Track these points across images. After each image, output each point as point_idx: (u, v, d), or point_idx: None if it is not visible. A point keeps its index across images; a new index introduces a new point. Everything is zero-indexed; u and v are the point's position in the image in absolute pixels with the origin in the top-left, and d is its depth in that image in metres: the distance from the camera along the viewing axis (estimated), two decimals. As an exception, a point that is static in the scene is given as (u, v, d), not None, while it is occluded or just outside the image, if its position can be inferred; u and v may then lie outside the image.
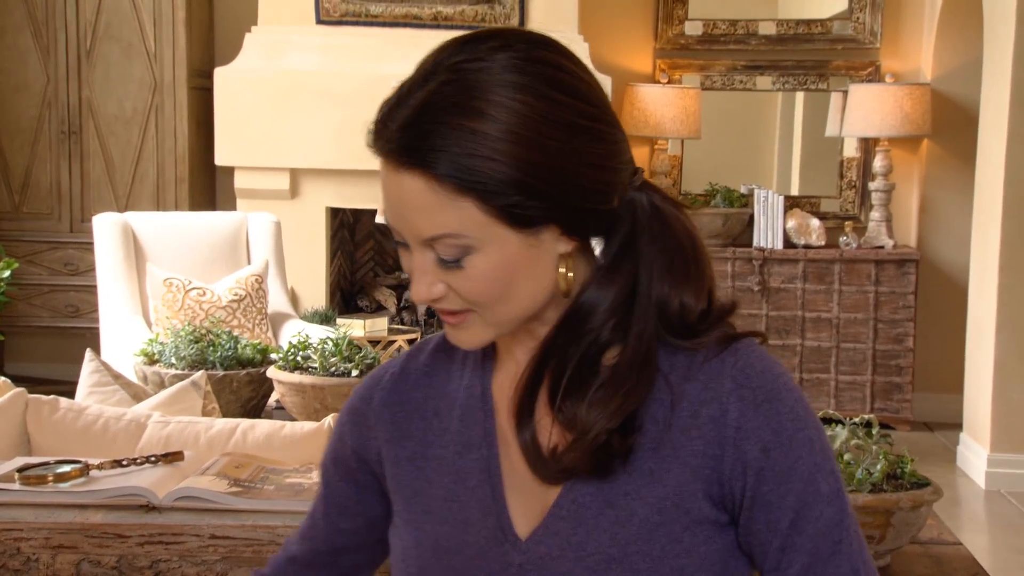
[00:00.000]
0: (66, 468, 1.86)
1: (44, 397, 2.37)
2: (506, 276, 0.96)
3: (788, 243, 5.39)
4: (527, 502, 1.01)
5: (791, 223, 5.40)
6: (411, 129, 0.94)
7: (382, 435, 1.09)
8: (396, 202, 0.96)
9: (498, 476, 1.03)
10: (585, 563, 0.98)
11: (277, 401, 3.40)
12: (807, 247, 5.36)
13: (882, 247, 5.35)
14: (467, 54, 0.95)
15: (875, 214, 5.44)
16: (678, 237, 1.01)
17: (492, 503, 1.02)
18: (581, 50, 5.13)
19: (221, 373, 3.29)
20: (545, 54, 0.97)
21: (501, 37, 0.97)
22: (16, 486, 1.83)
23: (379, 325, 4.61)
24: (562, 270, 0.98)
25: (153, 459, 1.95)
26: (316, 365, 3.18)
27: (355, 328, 4.27)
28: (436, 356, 1.10)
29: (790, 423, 0.98)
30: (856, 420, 1.98)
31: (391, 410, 1.09)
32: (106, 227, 4.61)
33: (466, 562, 1.01)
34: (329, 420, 2.34)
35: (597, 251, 1.01)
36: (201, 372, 2.90)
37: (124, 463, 1.92)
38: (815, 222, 5.44)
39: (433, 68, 0.96)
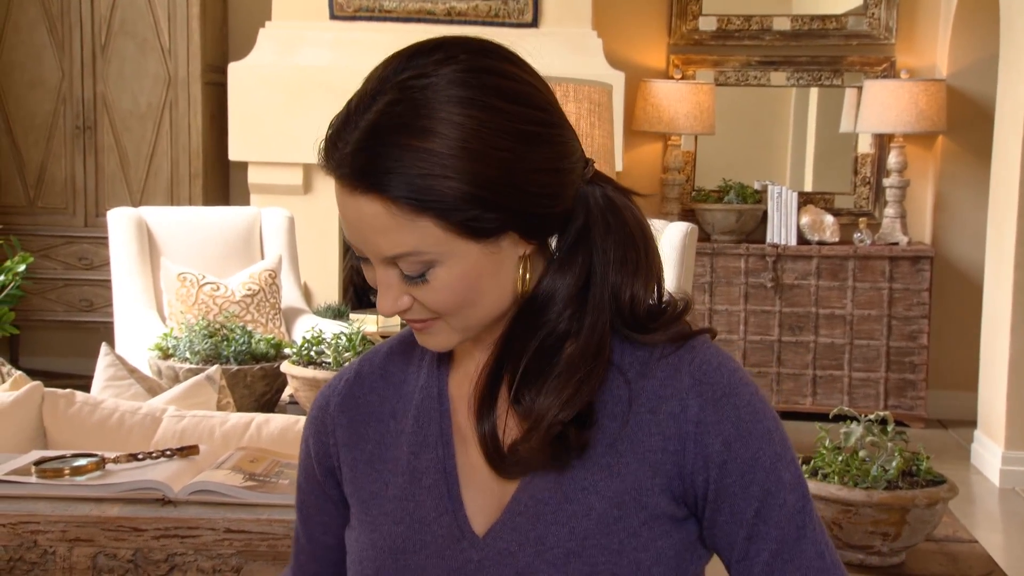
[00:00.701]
0: (82, 461, 1.87)
1: (60, 391, 2.38)
2: (470, 285, 0.97)
3: (802, 239, 5.38)
4: (484, 499, 1.02)
5: (805, 219, 5.39)
6: (362, 152, 0.94)
7: (340, 440, 1.09)
8: (355, 223, 0.96)
9: (454, 475, 1.03)
10: (544, 557, 0.98)
11: (291, 396, 3.41)
12: (821, 243, 5.35)
13: (896, 244, 5.33)
14: (413, 70, 0.96)
15: (889, 211, 5.42)
16: (630, 228, 1.02)
17: (448, 502, 1.02)
18: (595, 46, 5.12)
19: (235, 368, 3.30)
20: (489, 62, 0.97)
21: (444, 49, 0.97)
22: (33, 479, 1.84)
23: (392, 320, 4.61)
24: (521, 271, 1.00)
25: (168, 453, 1.96)
26: (329, 360, 3.19)
27: (368, 323, 4.28)
28: (391, 358, 1.11)
29: (749, 416, 1.00)
30: (871, 417, 1.98)
31: (348, 415, 1.09)
32: (120, 222, 4.63)
33: (423, 561, 1.02)
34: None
35: (552, 244, 1.02)
36: (215, 366, 2.91)
37: (140, 457, 1.93)
38: (829, 218, 5.43)
39: (379, 86, 0.96)
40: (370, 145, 0.94)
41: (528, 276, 1.00)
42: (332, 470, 1.10)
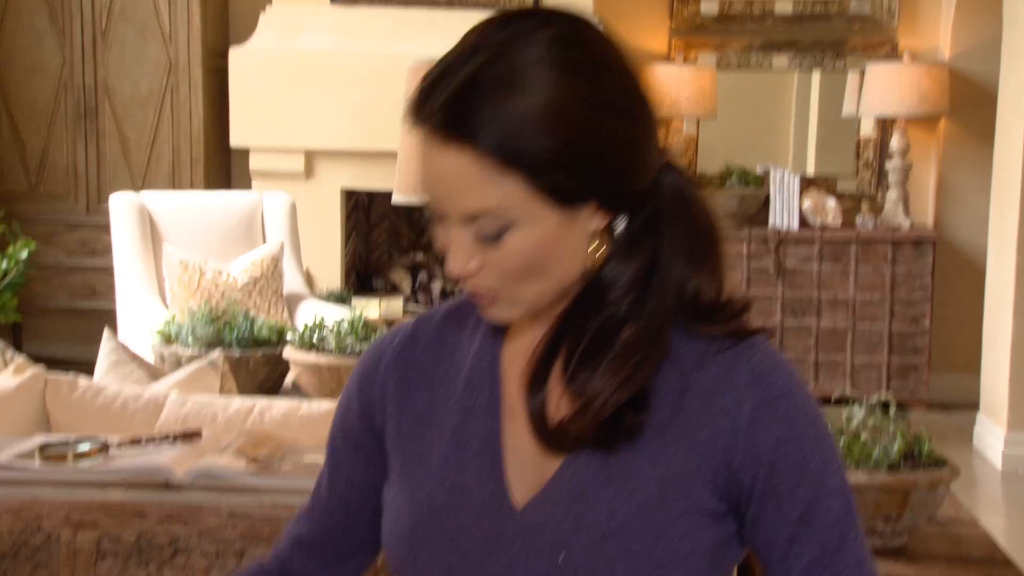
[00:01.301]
0: (85, 447, 1.88)
1: (63, 377, 2.38)
2: (543, 253, 0.97)
3: (804, 223, 5.37)
4: (527, 472, 1.02)
5: (807, 203, 5.38)
6: (457, 104, 0.94)
7: (388, 395, 1.09)
8: (438, 177, 0.96)
9: (499, 445, 1.03)
10: (580, 535, 0.98)
11: (293, 382, 3.42)
12: (823, 227, 5.34)
13: (899, 227, 5.33)
14: (511, 32, 0.96)
15: (892, 194, 5.41)
16: (700, 220, 1.03)
17: (490, 470, 1.03)
18: (596, 29, 5.11)
19: (238, 354, 3.30)
20: (586, 32, 0.98)
21: (543, 16, 0.98)
22: (36, 464, 1.85)
23: (394, 306, 4.61)
24: (591, 249, 1.00)
25: (171, 438, 1.96)
26: (332, 346, 3.19)
27: (371, 308, 4.28)
28: (447, 323, 1.11)
29: (803, 419, 1.00)
30: (873, 400, 1.98)
31: (399, 372, 1.10)
32: (122, 207, 4.63)
33: (460, 526, 1.02)
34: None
35: (619, 228, 1.01)
36: (218, 352, 2.91)
37: (143, 441, 1.93)
38: (831, 202, 5.42)
39: (476, 45, 0.96)
40: (466, 98, 0.93)
41: (599, 253, 1.00)
42: (374, 424, 1.10)
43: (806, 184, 5.55)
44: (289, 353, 3.23)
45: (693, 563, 0.98)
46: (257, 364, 3.35)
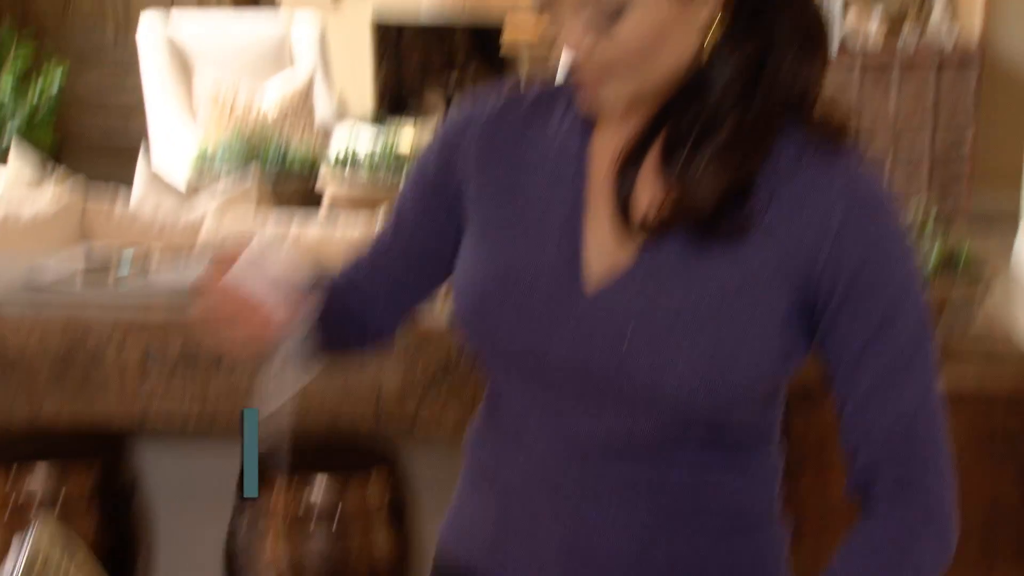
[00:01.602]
0: (127, 260, 1.90)
1: (102, 201, 2.41)
2: (655, 37, 0.95)
3: (844, 44, 5.23)
4: (603, 259, 1.02)
5: (848, 23, 5.23)
6: None
7: (471, 165, 1.09)
8: None
9: (579, 227, 1.03)
10: (646, 325, 0.98)
11: (327, 211, 3.43)
12: (864, 49, 5.20)
13: (943, 47, 5.17)
14: None
15: (937, 9, 5.24)
16: (808, 14, 1.00)
17: (567, 251, 1.02)
18: None
19: (271, 186, 3.30)
20: None
21: None
22: (79, 284, 1.88)
23: (428, 132, 4.58)
24: (711, 33, 0.97)
25: (211, 254, 1.99)
26: (365, 177, 3.19)
27: (405, 131, 4.26)
28: (538, 104, 1.09)
29: (892, 233, 0.98)
30: (913, 211, 1.96)
31: (485, 141, 1.09)
32: (152, 29, 4.59)
33: (528, 299, 1.02)
34: (381, 214, 2.34)
35: (722, 27, 0.98)
36: (252, 178, 2.92)
37: (182, 255, 1.96)
38: (873, 22, 5.26)
39: None
40: None
41: (710, 43, 0.97)
42: (453, 180, 1.10)
43: (847, 2, 5.37)
44: (322, 184, 3.23)
45: (757, 365, 0.98)
46: (290, 195, 3.36)
